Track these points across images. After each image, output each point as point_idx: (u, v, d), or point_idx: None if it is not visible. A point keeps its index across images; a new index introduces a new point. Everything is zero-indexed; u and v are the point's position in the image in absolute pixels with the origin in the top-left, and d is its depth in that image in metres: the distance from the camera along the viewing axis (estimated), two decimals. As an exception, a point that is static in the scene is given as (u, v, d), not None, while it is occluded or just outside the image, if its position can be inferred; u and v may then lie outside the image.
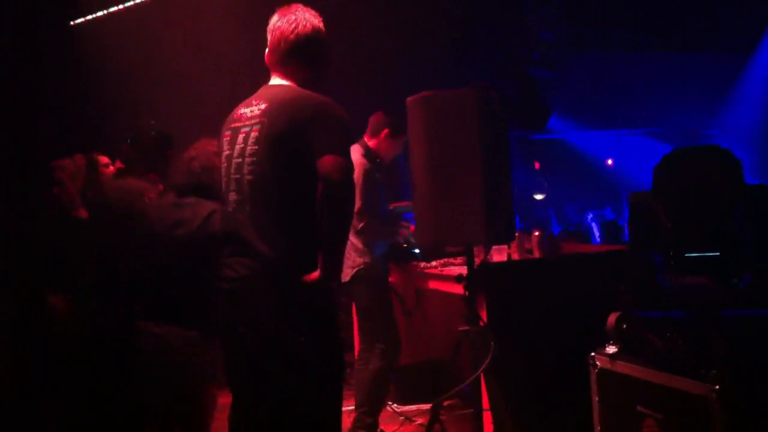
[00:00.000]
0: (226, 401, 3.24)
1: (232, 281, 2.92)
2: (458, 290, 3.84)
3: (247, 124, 3.01)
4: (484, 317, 3.87)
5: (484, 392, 3.90)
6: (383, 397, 4.97)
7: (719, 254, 2.96)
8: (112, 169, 4.48)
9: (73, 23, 6.78)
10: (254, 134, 2.95)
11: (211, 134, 3.50)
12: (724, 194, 2.98)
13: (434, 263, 4.92)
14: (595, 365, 3.23)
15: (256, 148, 2.93)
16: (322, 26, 3.15)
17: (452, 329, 3.92)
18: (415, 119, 3.64)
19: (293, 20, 3.11)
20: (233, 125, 3.08)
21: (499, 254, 4.52)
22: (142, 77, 6.65)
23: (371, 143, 4.94)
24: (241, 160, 2.98)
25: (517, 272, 4.31)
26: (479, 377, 3.74)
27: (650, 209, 3.17)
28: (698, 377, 2.72)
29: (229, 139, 3.08)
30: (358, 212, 4.63)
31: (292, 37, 3.10)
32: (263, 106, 2.99)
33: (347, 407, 4.54)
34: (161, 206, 3.73)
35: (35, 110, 6.27)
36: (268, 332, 2.83)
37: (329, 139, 2.83)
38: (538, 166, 15.76)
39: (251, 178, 2.93)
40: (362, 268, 4.73)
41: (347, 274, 4.70)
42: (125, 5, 6.81)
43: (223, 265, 2.96)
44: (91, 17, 6.78)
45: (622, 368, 3.09)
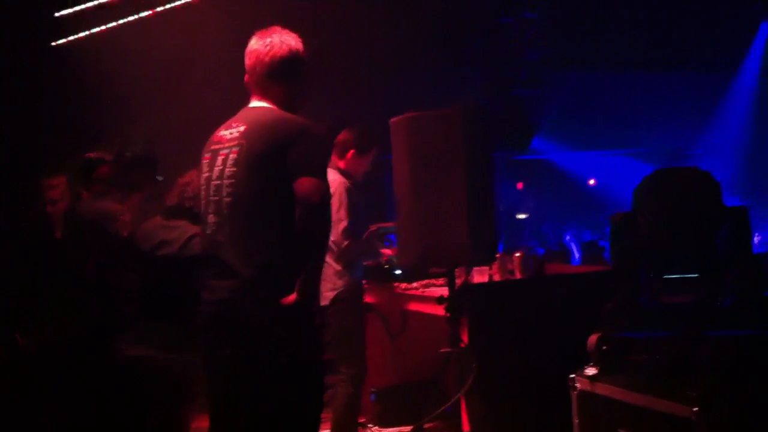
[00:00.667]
0: (202, 425, 3.21)
1: (211, 304, 2.90)
2: (440, 311, 3.83)
3: (226, 146, 3.00)
4: (465, 338, 3.86)
5: (464, 414, 3.88)
6: (356, 423, 4.91)
7: (700, 275, 2.97)
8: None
9: (55, 44, 6.77)
10: (233, 156, 2.95)
11: (196, 154, 3.48)
12: (703, 215, 2.99)
13: (416, 284, 4.90)
14: (575, 387, 3.22)
15: (234, 170, 2.92)
16: (299, 48, 3.15)
17: (435, 351, 3.90)
18: (398, 140, 3.64)
19: (269, 43, 3.11)
20: (213, 147, 3.07)
21: (480, 275, 4.51)
22: (125, 97, 6.63)
23: (340, 164, 4.90)
24: (220, 182, 2.96)
25: (498, 293, 4.30)
26: (460, 399, 3.73)
27: (631, 230, 3.18)
28: (679, 399, 2.72)
29: (208, 161, 3.06)
30: (343, 231, 4.61)
31: (266, 59, 3.10)
32: (242, 128, 2.99)
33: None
34: (149, 226, 3.73)
35: (18, 130, 6.25)
36: (247, 354, 2.81)
37: (306, 161, 2.83)
38: (521, 186, 15.82)
39: (230, 200, 2.92)
40: (342, 290, 4.68)
41: (327, 297, 4.65)
42: (107, 26, 6.80)
43: (202, 287, 2.94)
44: (73, 38, 6.76)
45: (602, 390, 3.08)
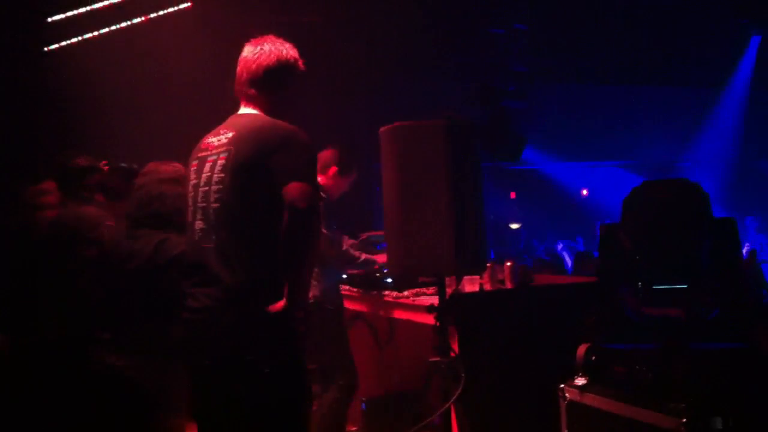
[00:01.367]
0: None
1: (195, 311, 2.89)
2: (430, 320, 3.83)
3: (213, 152, 3.00)
4: (455, 348, 3.85)
5: (454, 424, 3.87)
6: (343, 429, 4.90)
7: (687, 287, 2.97)
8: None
9: (47, 49, 6.75)
10: (221, 162, 2.94)
11: (184, 160, 3.47)
12: (692, 227, 3.00)
13: (406, 293, 4.89)
14: (564, 397, 3.22)
15: (222, 176, 2.92)
16: (289, 56, 3.15)
17: (424, 360, 3.90)
18: (387, 149, 3.64)
19: (258, 51, 3.12)
20: (200, 154, 3.07)
21: (471, 284, 4.50)
22: (116, 103, 6.62)
23: (319, 179, 4.89)
24: (207, 188, 2.96)
25: (488, 303, 4.30)
26: (449, 408, 3.72)
27: (619, 241, 3.18)
28: (666, 410, 2.73)
29: (196, 167, 3.06)
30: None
31: (253, 67, 3.11)
32: (230, 134, 2.99)
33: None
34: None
35: (7, 134, 6.23)
36: (231, 363, 2.80)
37: (295, 166, 2.83)
38: (513, 195, 15.86)
39: (217, 206, 2.91)
40: (318, 296, 4.68)
41: None
42: (100, 32, 6.79)
43: (187, 295, 2.93)
44: (65, 43, 6.75)
45: (591, 400, 3.09)
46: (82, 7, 6.72)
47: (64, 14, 6.72)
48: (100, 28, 6.81)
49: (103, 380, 3.49)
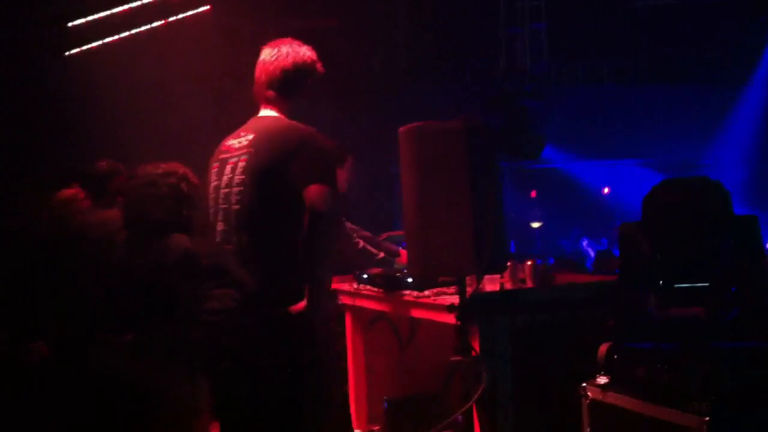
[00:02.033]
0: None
1: (215, 313, 2.91)
2: (451, 320, 3.83)
3: (234, 155, 3.02)
4: (476, 347, 3.85)
5: (476, 423, 3.87)
6: None
7: (708, 286, 2.96)
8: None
9: (68, 54, 6.81)
10: (242, 164, 2.97)
11: (203, 164, 3.47)
12: (712, 225, 2.98)
13: (427, 293, 4.89)
14: (586, 396, 3.21)
15: (243, 178, 2.94)
16: (307, 59, 3.17)
17: (445, 360, 3.90)
18: (405, 149, 3.65)
19: (276, 53, 3.15)
20: (221, 156, 3.09)
21: (491, 284, 4.50)
22: (137, 107, 6.67)
23: None
24: (228, 190, 2.98)
25: (509, 302, 4.30)
26: (471, 408, 3.72)
27: (639, 240, 3.17)
28: (688, 409, 2.71)
29: (217, 169, 3.09)
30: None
31: (271, 69, 3.15)
32: (251, 137, 3.01)
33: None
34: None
35: (28, 139, 6.29)
36: (251, 364, 2.81)
37: (314, 168, 2.85)
38: (534, 194, 15.81)
39: (238, 208, 2.94)
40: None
41: None
42: (120, 36, 6.84)
43: (208, 296, 2.95)
44: (86, 48, 6.81)
45: (613, 399, 3.08)
46: (102, 11, 6.77)
47: (84, 19, 6.78)
48: (120, 32, 6.86)
49: (103, 382, 3.50)
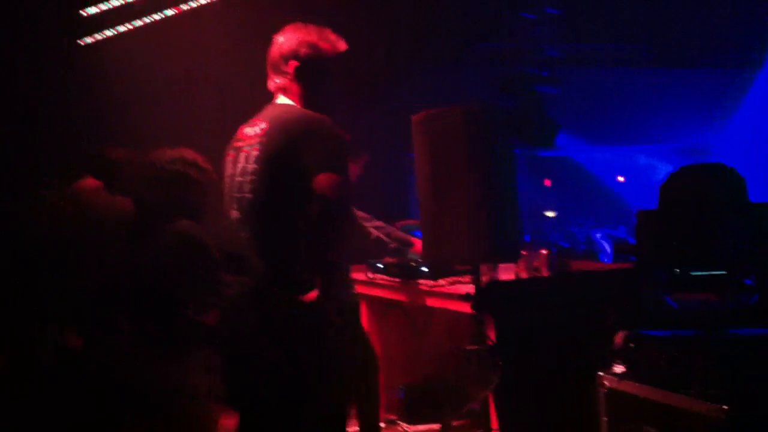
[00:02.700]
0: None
1: (228, 299, 2.92)
2: (466, 309, 3.83)
3: (248, 143, 3.02)
4: (492, 336, 3.85)
5: (492, 412, 3.87)
6: None
7: (726, 273, 2.94)
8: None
9: (81, 42, 6.81)
10: (255, 153, 2.96)
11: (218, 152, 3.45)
12: (729, 212, 2.96)
13: (442, 281, 4.89)
14: (602, 385, 3.20)
15: (256, 167, 2.94)
16: (322, 45, 3.13)
17: (460, 348, 3.90)
18: (418, 137, 3.64)
19: (289, 38, 3.10)
20: (236, 144, 3.09)
21: (506, 273, 4.49)
22: (152, 96, 6.67)
23: None
24: (242, 179, 2.98)
25: (524, 291, 4.29)
26: (488, 397, 3.72)
27: (657, 227, 3.16)
28: (707, 398, 2.70)
29: (232, 158, 3.09)
30: None
31: (284, 52, 3.09)
32: (264, 125, 3.00)
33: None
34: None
35: (41, 127, 6.30)
36: (262, 352, 2.82)
37: (325, 157, 2.83)
38: (548, 183, 15.73)
39: (251, 197, 2.94)
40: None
41: None
42: (134, 24, 6.84)
43: (223, 284, 2.97)
44: (100, 36, 6.81)
45: (629, 388, 3.07)
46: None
47: (97, 7, 6.77)
48: (133, 20, 6.85)
49: (110, 372, 3.51)
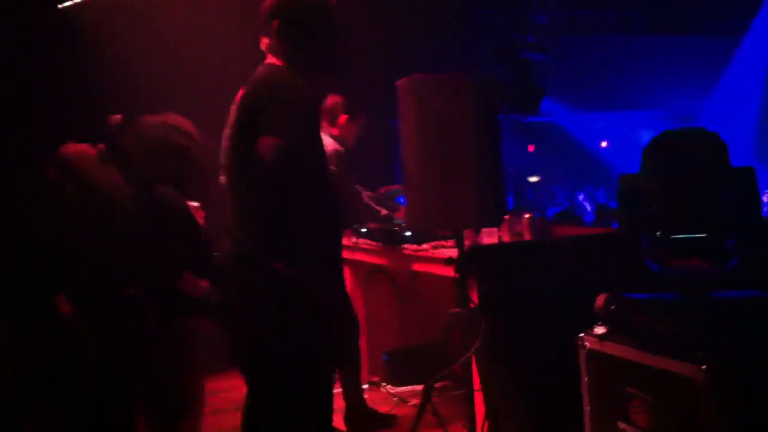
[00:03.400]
0: (215, 385, 3.26)
1: (220, 270, 2.94)
2: (449, 273, 3.86)
3: (234, 109, 2.99)
4: (474, 299, 3.89)
5: (475, 373, 3.92)
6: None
7: (707, 236, 2.97)
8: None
9: (61, 6, 6.73)
10: (231, 119, 2.93)
11: (210, 119, 3.39)
12: (710, 176, 2.99)
13: (425, 246, 4.92)
14: (583, 346, 3.24)
15: (231, 132, 2.90)
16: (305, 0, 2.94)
17: (443, 312, 3.94)
18: (405, 102, 3.63)
19: None
20: (232, 107, 3.02)
21: (489, 237, 4.53)
22: (138, 61, 6.60)
23: (333, 131, 4.85)
24: (225, 144, 2.97)
25: (506, 254, 4.32)
26: (470, 358, 3.77)
27: (639, 191, 3.18)
28: (686, 358, 2.74)
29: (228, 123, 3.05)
30: (348, 194, 4.63)
31: (269, 7, 2.92)
32: (243, 90, 2.95)
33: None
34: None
35: (28, 96, 6.24)
36: (244, 320, 2.84)
37: (277, 120, 2.70)
38: (532, 149, 15.77)
39: (226, 163, 2.92)
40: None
41: None
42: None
43: (210, 252, 2.98)
44: (79, 0, 6.72)
45: (610, 349, 3.11)
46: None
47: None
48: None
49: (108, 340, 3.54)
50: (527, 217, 4.51)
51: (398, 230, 5.11)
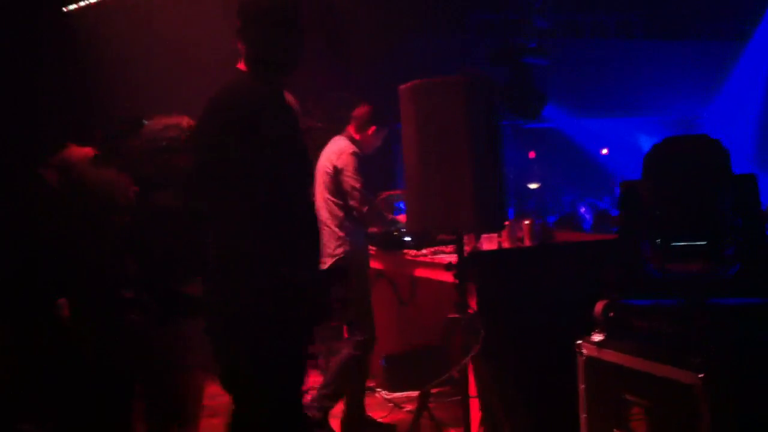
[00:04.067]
0: (215, 388, 3.24)
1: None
2: (448, 278, 3.85)
3: None
4: (473, 305, 3.88)
5: (471, 379, 3.91)
6: (348, 384, 4.92)
7: (707, 243, 2.97)
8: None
9: (66, 9, 6.74)
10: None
11: None
12: (712, 183, 2.99)
13: (425, 251, 4.92)
14: (581, 353, 3.24)
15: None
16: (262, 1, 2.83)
17: (443, 317, 3.93)
18: (406, 107, 3.63)
19: None
20: None
21: (489, 242, 4.53)
22: (139, 64, 6.61)
23: (357, 136, 4.89)
24: None
25: (507, 260, 4.32)
26: (467, 364, 3.76)
27: (640, 197, 3.18)
28: (684, 365, 2.74)
29: None
30: (361, 197, 4.64)
31: (239, 7, 2.83)
32: None
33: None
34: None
35: (30, 97, 6.25)
36: (215, 324, 2.86)
37: (201, 136, 2.83)
38: (533, 155, 15.75)
39: None
40: (341, 257, 4.70)
41: (326, 262, 4.69)
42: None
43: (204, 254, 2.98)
44: (84, 3, 6.73)
45: (608, 356, 3.11)
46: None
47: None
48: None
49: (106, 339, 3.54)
50: (527, 223, 4.51)
51: (398, 235, 5.11)
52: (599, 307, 3.15)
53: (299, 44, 2.91)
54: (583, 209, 12.74)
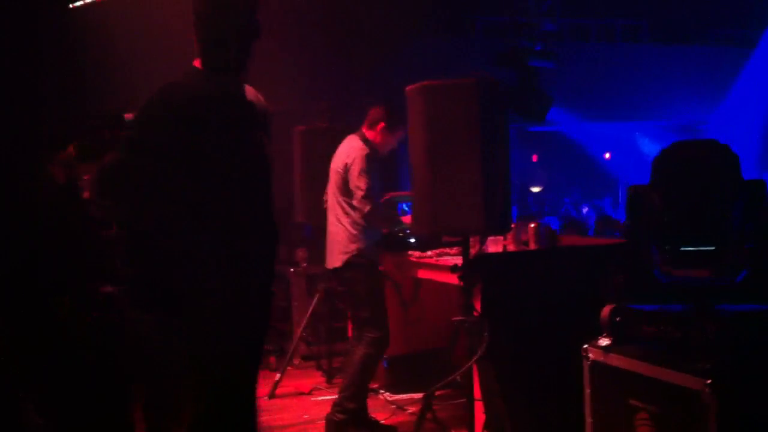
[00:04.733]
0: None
1: None
2: (453, 280, 3.84)
3: None
4: (478, 307, 3.87)
5: (476, 382, 3.90)
6: (369, 384, 4.92)
7: (715, 249, 2.96)
8: None
9: (72, 6, 6.73)
10: None
11: None
12: (721, 188, 2.97)
13: (430, 253, 4.91)
14: (587, 357, 3.23)
15: None
16: None
17: (447, 319, 3.92)
18: (414, 108, 3.63)
19: None
20: None
21: (494, 245, 4.51)
22: (143, 60, 6.60)
23: (368, 134, 4.90)
24: None
25: (512, 263, 4.31)
26: (472, 367, 3.75)
27: (648, 202, 3.16)
28: (691, 371, 2.73)
29: None
30: (364, 196, 4.63)
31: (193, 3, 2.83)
32: None
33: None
34: None
35: (34, 94, 6.24)
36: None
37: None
38: (535, 158, 15.76)
39: None
40: (354, 254, 4.70)
41: (339, 259, 4.69)
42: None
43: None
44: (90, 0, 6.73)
45: (614, 361, 3.09)
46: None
47: (87, -30, 6.69)
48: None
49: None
50: (533, 226, 4.50)
51: (402, 236, 5.10)
52: (606, 311, 3.14)
53: (249, 44, 2.90)
54: (585, 209, 12.75)
